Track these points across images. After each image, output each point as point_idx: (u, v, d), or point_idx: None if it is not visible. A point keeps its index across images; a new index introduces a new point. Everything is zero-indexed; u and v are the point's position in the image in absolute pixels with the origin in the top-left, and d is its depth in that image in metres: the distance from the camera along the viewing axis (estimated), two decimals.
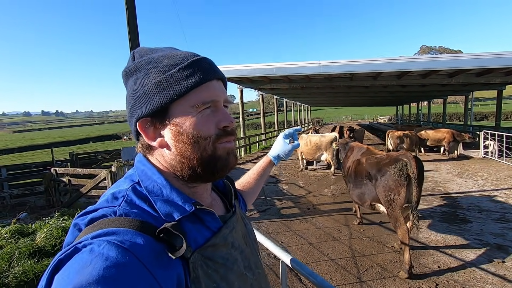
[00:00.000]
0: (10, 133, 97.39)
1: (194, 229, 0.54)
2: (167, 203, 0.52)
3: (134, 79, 0.57)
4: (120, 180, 0.59)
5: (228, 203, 0.71)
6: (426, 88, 14.29)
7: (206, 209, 0.56)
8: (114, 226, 0.45)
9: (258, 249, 0.74)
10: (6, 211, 6.09)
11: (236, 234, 0.63)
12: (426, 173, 7.96)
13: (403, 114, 36.15)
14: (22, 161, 22.73)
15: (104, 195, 0.55)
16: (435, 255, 3.57)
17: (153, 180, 0.55)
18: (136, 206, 0.51)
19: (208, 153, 0.55)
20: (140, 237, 0.45)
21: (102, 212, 0.49)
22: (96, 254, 0.40)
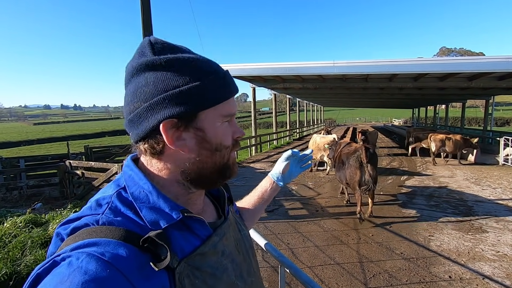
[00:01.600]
0: (31, 125, 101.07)
1: (182, 237, 0.51)
2: (153, 210, 0.50)
3: (160, 75, 0.51)
4: (107, 186, 0.56)
5: (221, 208, 0.69)
6: (444, 91, 13.83)
7: (195, 217, 0.54)
8: (95, 236, 0.43)
9: (252, 255, 0.70)
10: (23, 201, 6.31)
11: (227, 241, 0.60)
12: (441, 179, 7.75)
13: (419, 117, 35.23)
14: (41, 152, 23.56)
15: (89, 201, 0.53)
16: (447, 264, 3.45)
17: (140, 186, 0.52)
18: (121, 214, 0.49)
19: (224, 161, 0.57)
20: (123, 248, 0.43)
21: (84, 221, 0.47)
22: (74, 268, 0.38)
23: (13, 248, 3.46)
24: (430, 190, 6.73)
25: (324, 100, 28.63)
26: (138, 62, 0.52)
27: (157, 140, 0.52)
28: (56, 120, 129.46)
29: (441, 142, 9.81)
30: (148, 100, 0.50)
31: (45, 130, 66.59)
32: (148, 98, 0.51)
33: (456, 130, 21.21)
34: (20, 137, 45.69)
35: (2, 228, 3.90)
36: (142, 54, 0.53)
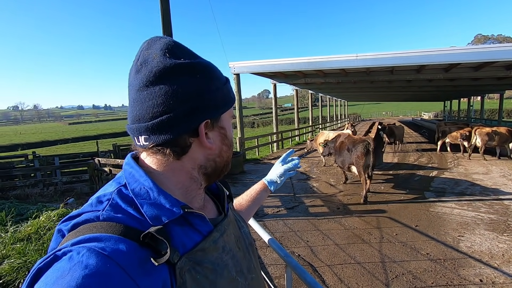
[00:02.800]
0: (66, 125, 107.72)
1: (183, 233, 0.52)
2: (154, 206, 0.50)
3: (189, 78, 0.53)
4: (107, 184, 0.58)
5: (221, 206, 0.69)
6: (479, 82, 12.92)
7: (195, 212, 0.54)
8: (96, 231, 0.44)
9: (253, 252, 0.71)
10: (57, 196, 6.75)
11: (227, 238, 0.61)
12: (474, 176, 7.28)
13: (451, 110, 33.24)
14: (75, 151, 25.09)
15: (90, 199, 0.54)
16: (478, 267, 3.23)
17: (140, 182, 0.52)
18: (121, 210, 0.49)
19: (230, 155, 0.64)
20: (123, 243, 0.43)
21: (85, 217, 0.48)
22: (75, 262, 0.39)
23: (47, 240, 3.72)
24: (462, 188, 6.34)
25: (348, 95, 27.83)
26: (171, 63, 0.51)
27: (187, 141, 0.54)
28: (89, 120, 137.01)
29: (487, 136, 9.20)
30: (187, 103, 0.52)
31: (78, 129, 70.71)
32: (187, 101, 0.52)
33: (494, 123, 19.77)
34: (56, 136, 48.94)
35: (38, 222, 4.20)
36: (172, 54, 0.52)
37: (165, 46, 0.53)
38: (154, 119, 0.51)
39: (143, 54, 0.53)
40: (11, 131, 75.31)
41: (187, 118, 0.52)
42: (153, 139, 0.52)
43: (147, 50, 0.53)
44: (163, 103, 0.51)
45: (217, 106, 0.56)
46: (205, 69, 0.55)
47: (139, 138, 0.54)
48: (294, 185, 7.00)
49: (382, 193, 6.12)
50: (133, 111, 0.53)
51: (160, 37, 0.56)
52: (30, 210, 4.99)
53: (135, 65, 0.53)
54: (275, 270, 3.24)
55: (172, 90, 0.51)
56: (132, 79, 0.53)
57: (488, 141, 9.19)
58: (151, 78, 0.51)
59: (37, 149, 29.75)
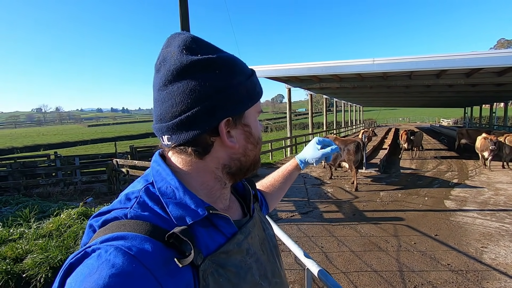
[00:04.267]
0: (86, 127, 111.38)
1: (207, 234, 0.52)
2: (179, 206, 0.50)
3: (215, 75, 0.51)
4: (136, 180, 0.58)
5: (246, 206, 0.69)
6: (503, 88, 12.40)
7: (220, 214, 0.54)
8: (124, 230, 0.45)
9: (277, 255, 0.69)
10: (77, 195, 6.98)
11: (252, 240, 0.60)
12: (497, 185, 6.98)
13: (472, 117, 32.06)
14: (93, 152, 25.86)
15: (120, 195, 0.55)
16: (502, 280, 3.08)
17: (167, 181, 0.53)
18: (148, 208, 0.50)
19: (258, 153, 0.61)
20: (149, 243, 0.44)
21: (114, 214, 0.49)
22: (102, 260, 0.40)
23: (67, 237, 3.84)
24: (485, 197, 6.08)
25: (363, 100, 27.39)
26: (188, 59, 0.50)
27: (208, 140, 0.53)
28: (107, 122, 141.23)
29: None
30: (205, 101, 0.50)
31: (97, 131, 72.90)
32: (205, 99, 0.50)
33: None
34: (76, 137, 50.67)
35: (59, 219, 4.35)
36: (189, 50, 0.51)
37: (183, 42, 0.51)
38: (174, 119, 0.51)
39: (162, 53, 0.53)
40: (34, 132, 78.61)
41: (206, 116, 0.50)
42: (174, 139, 0.52)
43: (166, 48, 0.53)
44: (181, 102, 0.50)
45: (239, 102, 0.53)
46: (225, 63, 0.53)
47: (163, 138, 0.54)
48: (308, 190, 6.93)
49: (399, 200, 5.96)
50: (156, 111, 0.54)
51: (179, 33, 0.54)
52: (52, 207, 5.18)
53: (156, 65, 0.54)
54: (290, 275, 3.21)
55: (190, 88, 0.50)
56: (154, 79, 0.54)
57: None
58: (169, 77, 0.50)
59: (58, 149, 30.91)
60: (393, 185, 7.23)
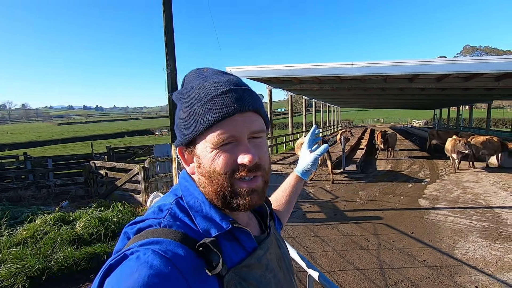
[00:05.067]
0: (56, 125, 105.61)
1: (230, 247, 0.55)
2: (206, 219, 0.55)
3: (178, 106, 0.60)
4: (166, 194, 0.63)
5: (264, 224, 0.70)
6: (469, 92, 13.28)
7: (242, 228, 0.57)
8: (158, 236, 0.49)
9: (292, 274, 0.71)
10: (51, 199, 6.64)
11: (270, 256, 0.62)
12: (465, 184, 7.47)
13: (441, 118, 33.98)
14: (65, 151, 24.60)
15: (152, 207, 0.59)
16: (472, 274, 3.33)
17: (194, 196, 0.58)
18: (179, 219, 0.54)
19: (225, 188, 0.54)
20: (181, 249, 0.47)
21: (148, 223, 0.53)
22: (142, 261, 0.43)
23: (44, 244, 3.66)
24: (454, 195, 6.50)
25: (341, 101, 28.18)
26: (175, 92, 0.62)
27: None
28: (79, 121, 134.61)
29: (482, 144, 9.45)
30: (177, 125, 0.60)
31: (68, 130, 69.39)
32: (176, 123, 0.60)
33: (481, 132, 20.32)
34: (46, 136, 47.91)
35: (35, 225, 4.13)
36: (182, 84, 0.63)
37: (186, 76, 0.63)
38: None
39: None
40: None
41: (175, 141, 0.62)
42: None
43: None
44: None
45: (181, 134, 0.58)
46: (187, 93, 0.57)
47: None
48: None
49: (377, 200, 6.22)
50: None
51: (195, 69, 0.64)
52: (25, 213, 4.91)
53: None
54: None
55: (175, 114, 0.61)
56: None
57: (482, 149, 9.44)
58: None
59: (26, 149, 29.05)
60: (371, 185, 7.53)
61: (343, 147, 9.84)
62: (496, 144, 9.52)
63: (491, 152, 9.57)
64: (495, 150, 9.59)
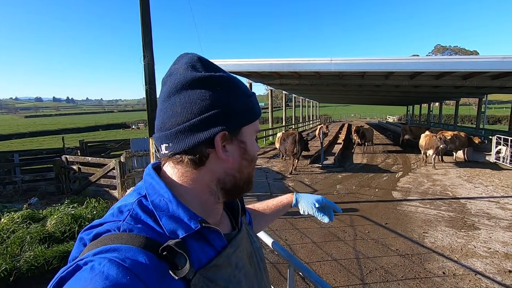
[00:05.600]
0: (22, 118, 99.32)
1: (199, 248, 0.52)
2: (173, 219, 0.51)
3: (216, 91, 0.54)
4: (128, 193, 0.59)
5: (235, 220, 0.70)
6: (439, 89, 13.99)
7: (212, 228, 0.55)
8: (117, 242, 0.45)
9: (264, 269, 0.72)
10: (18, 196, 6.25)
11: (240, 254, 0.61)
12: (434, 177, 7.89)
13: (413, 114, 35.59)
14: (33, 146, 23.24)
15: (112, 208, 0.55)
16: (441, 260, 3.55)
17: (160, 194, 0.53)
18: (141, 221, 0.50)
19: (252, 172, 0.62)
20: (143, 255, 0.44)
21: (106, 227, 0.49)
22: (96, 272, 0.40)
23: (11, 243, 3.45)
24: (424, 188, 6.85)
25: (320, 96, 28.68)
26: (192, 75, 0.54)
27: (204, 151, 0.55)
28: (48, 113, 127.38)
29: (450, 139, 9.97)
30: (204, 113, 0.53)
31: (36, 123, 65.51)
32: (204, 111, 0.53)
33: (450, 127, 21.50)
34: (11, 130, 44.94)
35: (1, 224, 3.88)
36: (194, 68, 0.55)
37: (189, 60, 0.56)
38: (173, 128, 0.53)
39: (170, 69, 0.57)
40: None
41: (204, 127, 0.53)
42: (172, 147, 0.54)
43: (174, 65, 0.57)
44: (182, 112, 0.53)
45: (235, 118, 0.56)
46: (225, 82, 0.56)
47: (161, 147, 0.56)
48: (270, 184, 7.12)
49: (354, 192, 6.43)
50: (158, 120, 0.56)
51: (188, 53, 0.59)
52: None
53: (163, 79, 0.57)
54: None
55: (191, 101, 0.53)
56: (160, 92, 0.57)
57: (450, 144, 9.99)
58: (173, 89, 0.54)
59: None
60: (348, 178, 7.76)
61: (321, 141, 10.05)
62: (463, 139, 10.13)
63: (458, 147, 10.17)
64: (462, 145, 10.19)
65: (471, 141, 10.32)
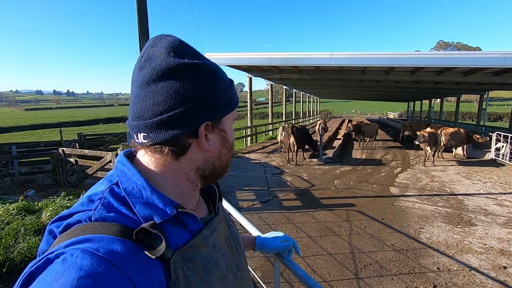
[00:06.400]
0: (23, 111, 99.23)
1: (175, 232, 0.52)
2: (147, 206, 0.49)
3: (200, 79, 0.52)
4: (99, 182, 0.56)
5: (212, 204, 0.70)
6: (440, 86, 13.91)
7: (188, 212, 0.54)
8: (88, 232, 0.43)
9: (242, 251, 0.73)
10: (15, 188, 6.25)
11: (217, 236, 0.61)
12: (433, 173, 7.87)
13: (414, 111, 35.45)
14: (33, 139, 23.24)
15: (81, 198, 0.53)
16: (436, 256, 3.54)
17: (133, 181, 0.51)
18: (114, 209, 0.49)
19: (230, 159, 0.63)
20: (117, 243, 0.43)
21: (77, 218, 0.47)
22: (69, 264, 0.38)
23: (6, 235, 3.45)
24: (422, 184, 6.84)
25: (320, 92, 28.57)
26: (174, 62, 0.50)
27: (185, 141, 0.53)
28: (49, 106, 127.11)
29: (451, 136, 9.94)
30: (187, 104, 0.51)
31: (37, 116, 65.48)
32: (187, 101, 0.51)
33: (450, 124, 21.45)
34: (11, 122, 44.94)
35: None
36: (176, 53, 0.51)
37: (170, 44, 0.52)
38: (154, 117, 0.50)
39: (148, 52, 0.52)
40: None
41: (188, 118, 0.51)
42: (151, 137, 0.52)
43: (152, 47, 0.52)
44: (164, 102, 0.50)
45: (218, 108, 0.55)
46: (209, 70, 0.54)
47: (138, 136, 0.53)
48: (268, 179, 7.10)
49: (351, 188, 6.42)
50: (134, 108, 0.53)
51: (166, 35, 0.55)
52: None
53: (139, 62, 0.53)
54: (252, 262, 3.30)
55: (174, 89, 0.50)
56: (135, 76, 0.52)
57: (450, 140, 9.95)
58: (153, 76, 0.50)
59: None
60: (346, 173, 7.75)
61: (321, 137, 10.02)
62: (463, 136, 10.09)
63: (458, 143, 10.14)
64: (461, 142, 10.16)
65: (471, 138, 10.29)
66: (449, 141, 9.98)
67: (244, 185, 6.60)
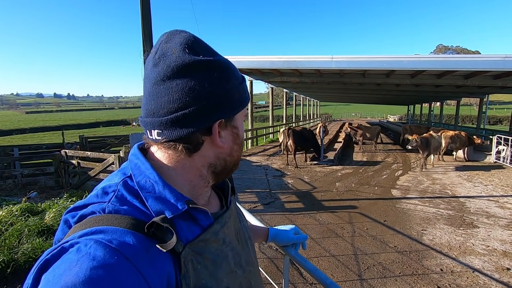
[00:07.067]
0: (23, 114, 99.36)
1: (186, 227, 0.52)
2: (159, 200, 0.50)
3: (215, 76, 0.52)
4: (113, 173, 0.57)
5: (224, 198, 0.70)
6: (440, 89, 13.93)
7: (199, 208, 0.55)
8: (102, 224, 0.44)
9: (251, 246, 0.73)
10: (17, 190, 6.26)
11: (228, 230, 0.62)
12: (434, 176, 7.88)
13: (414, 114, 35.50)
14: (33, 141, 23.27)
15: (95, 189, 0.54)
16: (439, 258, 3.54)
17: (146, 175, 0.52)
18: (127, 202, 0.49)
19: (240, 155, 0.64)
20: (130, 235, 0.44)
21: (91, 209, 0.48)
22: (82, 254, 0.39)
23: (9, 236, 3.46)
24: (424, 186, 6.84)
25: (321, 95, 28.61)
26: (190, 59, 0.51)
27: (199, 139, 0.54)
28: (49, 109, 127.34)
29: (451, 139, 9.95)
30: (202, 101, 0.51)
31: (37, 119, 65.56)
32: (203, 99, 0.51)
33: (450, 127, 21.46)
34: (12, 125, 45.01)
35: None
36: (191, 50, 0.52)
37: (185, 41, 0.52)
38: (169, 115, 0.51)
39: (161, 47, 0.52)
40: None
41: (202, 116, 0.52)
42: (166, 134, 0.52)
43: (166, 43, 0.52)
44: (179, 99, 0.50)
45: (232, 105, 0.55)
46: (223, 67, 0.54)
47: (151, 132, 0.53)
48: (269, 181, 7.11)
49: (353, 190, 6.43)
50: (148, 104, 0.53)
51: (180, 31, 0.55)
52: None
53: (153, 58, 0.52)
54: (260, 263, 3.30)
55: (189, 87, 0.50)
56: (149, 72, 0.52)
57: (451, 143, 9.96)
58: (168, 73, 0.50)
59: None
60: (347, 176, 7.75)
61: (322, 140, 10.04)
62: (464, 139, 10.10)
63: (459, 146, 10.15)
64: (462, 145, 10.17)
65: (472, 141, 10.30)
66: (450, 144, 10.00)
67: (246, 187, 6.61)
